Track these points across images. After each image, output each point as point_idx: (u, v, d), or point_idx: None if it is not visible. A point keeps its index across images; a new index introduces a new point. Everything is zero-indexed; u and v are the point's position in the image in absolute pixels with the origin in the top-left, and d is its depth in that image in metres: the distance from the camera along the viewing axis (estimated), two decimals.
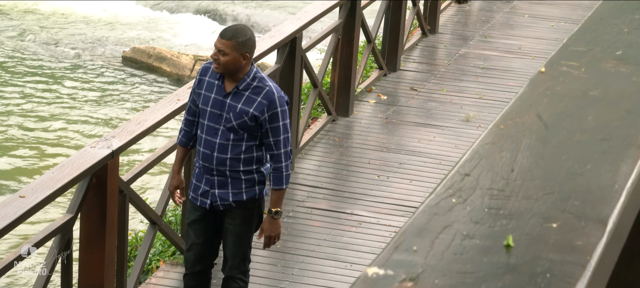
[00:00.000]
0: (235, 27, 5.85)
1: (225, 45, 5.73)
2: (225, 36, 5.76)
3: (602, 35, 2.40)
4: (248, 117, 5.79)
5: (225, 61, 5.74)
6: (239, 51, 5.74)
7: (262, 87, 5.82)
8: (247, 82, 5.82)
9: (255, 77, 5.83)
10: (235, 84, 5.83)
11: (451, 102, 10.26)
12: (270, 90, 5.82)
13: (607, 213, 1.59)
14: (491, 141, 1.82)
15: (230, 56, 5.73)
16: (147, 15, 18.26)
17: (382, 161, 8.90)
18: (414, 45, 11.70)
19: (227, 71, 5.79)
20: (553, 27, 12.68)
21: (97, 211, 6.05)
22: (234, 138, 5.85)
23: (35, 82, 14.89)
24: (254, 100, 5.80)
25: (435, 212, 1.57)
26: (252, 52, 5.81)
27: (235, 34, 5.75)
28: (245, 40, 5.75)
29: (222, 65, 5.77)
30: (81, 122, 13.55)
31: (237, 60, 5.75)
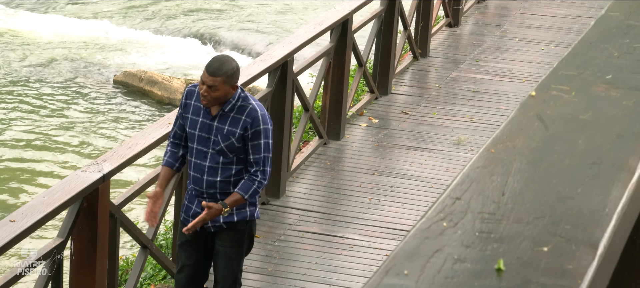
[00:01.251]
0: (220, 61, 5.79)
1: (216, 82, 5.71)
2: (214, 72, 5.72)
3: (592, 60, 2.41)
4: (235, 138, 5.80)
5: (216, 96, 5.75)
6: (229, 83, 5.75)
7: (246, 105, 5.84)
8: (232, 103, 5.84)
9: (240, 97, 5.85)
10: (221, 107, 5.84)
11: (442, 125, 10.28)
12: (253, 107, 5.83)
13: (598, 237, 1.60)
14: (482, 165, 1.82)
15: (221, 91, 5.74)
16: (138, 39, 18.27)
17: (373, 184, 8.90)
18: (405, 68, 11.72)
19: (217, 103, 5.81)
20: (543, 51, 12.72)
21: (88, 235, 6.03)
22: (224, 161, 5.85)
23: (25, 106, 14.87)
24: (239, 119, 5.82)
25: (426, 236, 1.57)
26: (238, 79, 5.83)
27: (222, 68, 5.72)
28: (233, 72, 5.75)
29: (212, 100, 5.77)
30: (72, 146, 13.53)
31: (227, 93, 5.77)
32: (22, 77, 16.06)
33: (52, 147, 13.43)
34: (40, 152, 13.27)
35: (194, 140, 5.89)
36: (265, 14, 19.58)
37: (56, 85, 15.75)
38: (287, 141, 8.51)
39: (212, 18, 19.24)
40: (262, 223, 8.11)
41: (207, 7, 19.80)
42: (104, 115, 14.70)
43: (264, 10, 19.81)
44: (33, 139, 13.68)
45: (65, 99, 15.22)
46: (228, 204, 5.85)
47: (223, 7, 19.79)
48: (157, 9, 19.69)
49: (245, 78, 7.80)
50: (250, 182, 5.85)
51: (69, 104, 15.06)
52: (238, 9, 19.75)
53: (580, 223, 1.64)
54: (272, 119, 8.38)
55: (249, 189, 5.86)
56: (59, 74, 16.25)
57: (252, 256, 7.54)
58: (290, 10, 19.93)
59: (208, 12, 19.55)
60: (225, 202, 5.86)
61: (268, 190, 8.48)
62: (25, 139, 13.68)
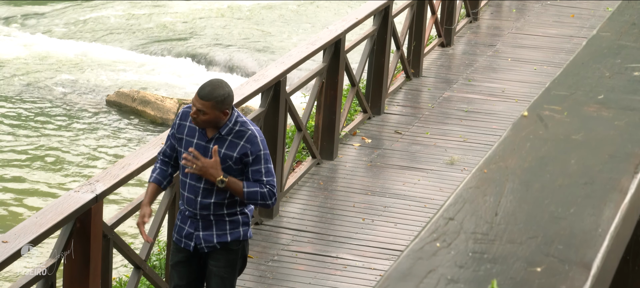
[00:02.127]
0: (213, 85, 5.76)
1: (205, 106, 5.70)
2: (204, 97, 5.69)
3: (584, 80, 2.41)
4: (232, 161, 5.79)
5: (206, 120, 5.73)
6: (219, 109, 5.71)
7: (245, 130, 5.82)
8: (229, 127, 5.81)
9: (237, 122, 5.83)
10: (217, 130, 5.83)
11: (435, 145, 10.29)
12: (253, 133, 5.82)
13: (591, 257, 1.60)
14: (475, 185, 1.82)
15: (209, 115, 5.71)
16: (131, 59, 18.28)
17: (366, 204, 8.90)
18: (398, 88, 11.74)
19: (208, 126, 5.80)
20: (536, 71, 12.75)
21: (81, 256, 6.02)
22: None
23: (18, 126, 14.85)
24: (237, 144, 5.80)
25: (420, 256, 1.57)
26: (231, 106, 5.78)
27: (213, 93, 5.69)
28: (224, 98, 5.71)
29: (202, 123, 5.76)
30: (65, 166, 13.52)
31: (217, 118, 5.74)
32: (14, 97, 16.05)
33: (44, 167, 13.41)
34: (32, 172, 13.25)
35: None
36: (258, 34, 19.61)
37: (49, 105, 15.74)
38: (280, 161, 8.51)
39: (206, 38, 19.26)
40: (256, 244, 8.10)
41: (201, 27, 19.83)
42: (97, 135, 14.69)
43: (256, 30, 19.84)
44: (26, 159, 13.66)
45: (58, 119, 15.21)
46: (227, 181, 5.76)
47: (216, 28, 19.81)
48: (150, 29, 19.71)
49: (238, 98, 7.81)
50: (257, 184, 5.80)
51: (62, 123, 15.05)
52: (232, 30, 19.77)
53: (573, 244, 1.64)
54: (265, 138, 8.39)
55: (252, 187, 5.80)
56: (52, 93, 16.24)
57: (246, 276, 7.52)
58: (283, 31, 19.96)
59: (201, 32, 19.57)
60: (225, 179, 5.75)
61: (261, 210, 8.48)
62: (17, 159, 13.66)
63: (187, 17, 20.34)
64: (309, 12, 21.01)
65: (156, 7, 20.85)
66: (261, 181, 5.79)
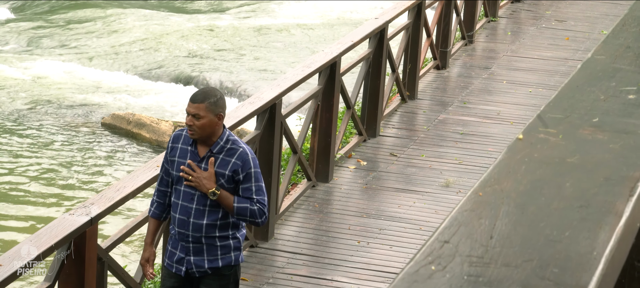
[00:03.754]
0: (205, 90, 5.83)
1: (199, 109, 5.71)
2: (197, 100, 5.74)
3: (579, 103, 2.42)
4: (224, 179, 5.79)
5: (201, 125, 5.73)
6: (214, 112, 5.74)
7: (236, 148, 5.83)
8: (221, 145, 5.82)
9: (229, 140, 5.84)
10: (208, 148, 5.83)
11: (431, 167, 10.29)
12: (244, 151, 5.83)
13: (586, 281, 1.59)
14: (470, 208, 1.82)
15: (205, 119, 5.72)
16: (126, 83, 18.29)
17: (362, 227, 8.89)
18: (393, 111, 11.75)
19: (204, 134, 5.78)
20: (531, 93, 12.77)
21: (75, 279, 6.00)
22: (211, 203, 5.83)
23: (12, 149, 14.84)
24: (228, 162, 5.81)
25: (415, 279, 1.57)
26: (224, 111, 5.82)
27: (207, 96, 5.74)
28: (217, 99, 5.76)
29: (198, 130, 5.75)
30: (60, 189, 13.50)
31: (212, 122, 5.75)
32: (8, 120, 16.04)
33: (39, 190, 13.39)
34: (27, 195, 13.23)
35: (181, 183, 5.88)
36: (253, 57, 19.63)
37: (44, 127, 15.74)
38: (275, 183, 8.50)
39: (201, 61, 19.27)
40: (251, 266, 8.08)
41: (196, 50, 19.85)
42: (92, 158, 14.68)
43: (252, 54, 19.87)
44: (20, 182, 13.64)
45: (52, 141, 15.20)
46: (219, 194, 5.74)
47: (212, 51, 19.84)
48: (146, 52, 19.73)
49: (234, 121, 7.81)
50: (248, 202, 5.79)
51: (57, 146, 15.04)
52: (226, 53, 19.80)
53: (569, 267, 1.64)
54: (261, 161, 8.39)
55: (242, 203, 5.78)
56: (47, 116, 16.23)
57: None
58: (279, 54, 19.98)
59: (197, 55, 19.60)
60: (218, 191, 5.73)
61: (256, 233, 8.47)
62: (12, 182, 13.64)
63: (182, 40, 20.36)
64: (304, 35, 21.05)
65: (151, 31, 20.88)
66: (252, 199, 5.79)
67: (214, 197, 5.74)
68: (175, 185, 5.91)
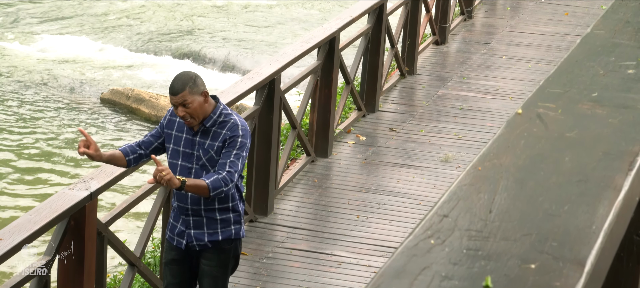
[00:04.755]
0: (179, 77, 5.79)
1: (184, 96, 5.73)
2: (178, 90, 5.71)
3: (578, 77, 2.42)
4: (214, 151, 5.80)
5: (192, 110, 5.74)
6: (197, 92, 5.75)
7: (228, 121, 5.86)
8: (214, 119, 5.84)
9: (222, 113, 5.86)
10: (202, 122, 5.85)
11: (430, 142, 10.29)
12: (235, 122, 5.85)
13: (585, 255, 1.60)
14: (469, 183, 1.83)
15: (194, 102, 5.73)
16: (125, 57, 18.27)
17: (361, 202, 8.91)
18: (393, 86, 11.74)
19: (200, 117, 5.79)
20: (530, 69, 12.76)
21: (76, 253, 6.02)
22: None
23: (11, 124, 14.84)
24: (220, 133, 5.84)
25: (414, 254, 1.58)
26: (205, 87, 5.83)
27: (184, 82, 5.74)
28: (194, 80, 5.76)
29: (192, 116, 5.76)
30: (59, 164, 13.51)
31: (200, 103, 5.76)
32: (7, 94, 16.03)
33: (38, 165, 13.40)
34: (26, 171, 13.24)
35: (178, 157, 5.89)
36: (253, 32, 19.60)
37: (42, 103, 15.73)
38: (274, 159, 8.51)
39: (201, 36, 19.25)
40: (250, 241, 8.10)
41: (195, 25, 19.82)
42: (91, 133, 14.68)
43: (251, 28, 19.84)
44: (19, 158, 13.64)
45: (51, 117, 15.20)
46: (187, 182, 5.63)
47: (211, 26, 19.81)
48: (145, 27, 19.70)
49: (233, 96, 7.81)
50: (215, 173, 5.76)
51: (56, 121, 15.04)
52: (225, 28, 19.76)
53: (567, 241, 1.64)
54: (260, 136, 8.40)
55: (211, 178, 5.69)
56: (46, 91, 16.22)
57: (240, 273, 7.53)
58: (278, 29, 19.95)
59: (196, 30, 19.56)
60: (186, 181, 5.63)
61: (256, 208, 8.48)
62: (11, 158, 13.65)
63: (181, 15, 20.32)
64: (304, 11, 21.01)
65: (150, 6, 20.83)
66: (224, 164, 5.75)
67: (183, 187, 5.64)
68: (171, 160, 5.92)
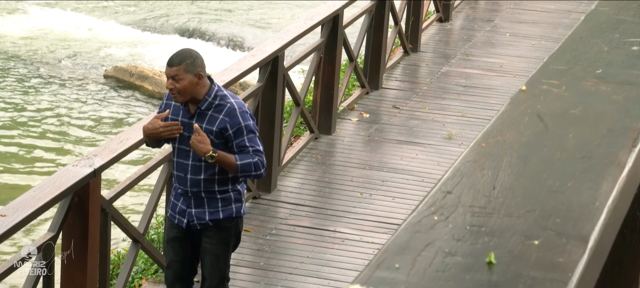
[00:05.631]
0: (180, 52, 5.79)
1: (178, 71, 5.70)
2: (174, 63, 5.71)
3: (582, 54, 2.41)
4: (213, 135, 5.78)
5: (181, 87, 5.71)
6: (192, 72, 5.71)
7: (224, 104, 5.81)
8: (209, 101, 5.81)
9: (217, 96, 5.82)
10: (197, 105, 5.83)
11: (433, 120, 10.29)
12: (232, 105, 5.81)
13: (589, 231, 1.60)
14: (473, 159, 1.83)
15: (185, 80, 5.71)
16: (128, 34, 18.25)
17: (364, 179, 8.91)
18: (396, 63, 11.73)
19: (186, 96, 5.76)
20: (534, 46, 12.74)
21: (79, 230, 6.03)
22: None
23: (15, 101, 14.84)
24: (216, 118, 5.80)
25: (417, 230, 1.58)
26: (204, 69, 5.79)
27: (183, 57, 5.72)
28: (193, 60, 5.73)
29: (180, 93, 5.73)
30: (63, 141, 13.52)
31: (192, 83, 5.73)
32: (11, 72, 16.03)
33: (42, 142, 13.41)
34: (30, 147, 13.25)
35: (176, 140, 5.89)
36: (257, 9, 19.57)
37: (46, 80, 15.72)
38: (278, 136, 8.51)
39: (204, 14, 19.22)
40: (254, 218, 8.12)
41: (199, 3, 19.78)
42: (94, 110, 14.68)
43: (255, 6, 19.80)
44: (23, 134, 13.65)
45: (55, 94, 15.20)
46: (217, 156, 5.71)
47: (214, 4, 19.77)
48: (148, 4, 19.67)
49: (236, 73, 7.80)
50: (248, 155, 5.79)
51: (59, 98, 15.04)
52: (229, 5, 19.73)
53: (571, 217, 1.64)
54: (263, 113, 8.39)
55: (245, 159, 5.78)
56: (49, 68, 16.22)
57: (244, 250, 7.54)
58: (282, 6, 19.92)
59: (200, 7, 19.53)
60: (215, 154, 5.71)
61: (259, 185, 8.49)
62: (15, 135, 13.66)
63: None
64: None
65: None
66: (248, 151, 5.78)
67: (212, 160, 5.73)
68: (172, 143, 5.92)
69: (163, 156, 7.05)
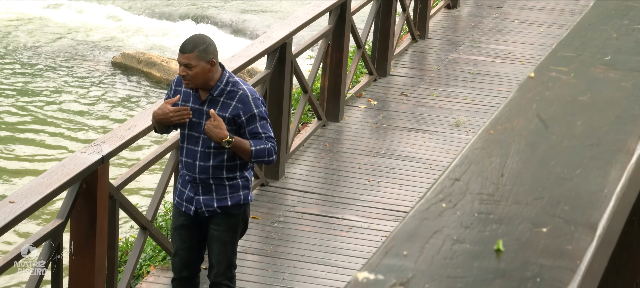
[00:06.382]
0: (193, 38, 5.78)
1: (190, 58, 5.69)
2: (186, 49, 5.70)
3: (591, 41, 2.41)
4: (225, 122, 5.78)
5: (193, 74, 5.71)
6: (204, 59, 5.71)
7: (236, 90, 5.81)
8: (221, 87, 5.81)
9: (229, 82, 5.82)
10: (209, 92, 5.82)
11: (441, 107, 10.28)
12: (244, 92, 5.81)
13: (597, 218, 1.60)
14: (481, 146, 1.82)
15: (197, 67, 5.70)
16: (136, 21, 18.24)
17: (372, 166, 8.91)
18: (404, 50, 11.71)
19: (198, 83, 5.76)
20: (542, 33, 12.71)
21: (87, 217, 6.04)
22: (215, 146, 5.83)
23: (23, 87, 14.86)
24: (229, 105, 5.79)
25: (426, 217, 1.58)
26: (216, 56, 5.78)
27: (196, 44, 5.71)
28: (206, 46, 5.72)
29: (191, 80, 5.73)
30: (71, 128, 13.53)
31: (204, 69, 5.72)
32: (19, 58, 16.04)
33: (50, 129, 13.43)
34: (38, 134, 13.27)
35: (185, 127, 5.89)
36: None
37: (53, 67, 15.74)
38: (286, 123, 8.51)
39: (211, 1, 19.20)
40: (261, 205, 8.12)
41: None
42: (102, 97, 14.69)
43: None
44: (31, 121, 13.67)
45: (63, 81, 15.21)
46: (234, 141, 5.72)
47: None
48: None
49: (244, 60, 7.80)
50: (262, 141, 5.80)
51: (68, 85, 15.05)
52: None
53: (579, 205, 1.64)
54: (271, 100, 8.39)
55: (259, 145, 5.79)
56: (56, 55, 16.23)
57: (251, 237, 7.55)
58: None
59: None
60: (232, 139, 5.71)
61: (267, 172, 8.49)
62: (23, 121, 13.68)
63: None
64: None
65: None
66: (261, 138, 5.79)
67: (229, 146, 5.74)
68: (180, 129, 5.92)
69: (171, 143, 7.05)
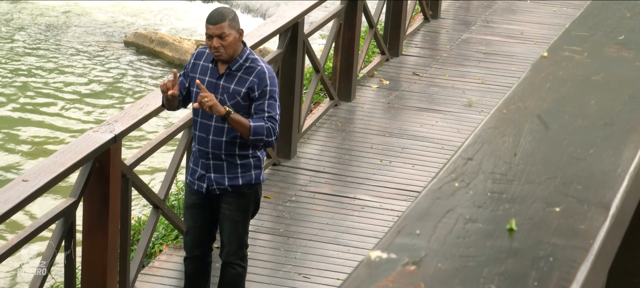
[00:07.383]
0: (219, 10, 5.82)
1: (222, 28, 5.72)
2: (218, 20, 5.73)
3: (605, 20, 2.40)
4: (240, 96, 5.80)
5: (227, 44, 5.74)
6: (235, 28, 5.78)
7: (254, 66, 5.84)
8: (240, 63, 5.84)
9: (248, 58, 5.86)
10: (227, 65, 5.85)
11: (453, 87, 10.26)
12: (262, 69, 5.84)
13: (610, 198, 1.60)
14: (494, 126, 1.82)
15: (230, 36, 5.74)
16: (148, 1, 18.24)
17: (384, 146, 8.91)
18: (416, 30, 11.69)
19: (232, 53, 5.79)
20: (555, 12, 12.66)
21: (100, 195, 6.06)
22: None
23: (36, 68, 14.89)
24: (246, 80, 5.82)
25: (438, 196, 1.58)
26: (240, 24, 5.84)
27: (225, 14, 5.77)
28: (234, 16, 5.81)
29: (225, 49, 5.75)
30: (83, 107, 13.56)
31: (236, 39, 5.78)
32: (33, 37, 16.06)
33: (63, 108, 13.46)
34: (51, 113, 13.30)
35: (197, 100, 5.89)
36: None
37: (65, 47, 15.75)
38: (298, 102, 8.51)
39: None
40: (273, 184, 8.13)
41: None
42: (114, 76, 14.71)
43: None
44: (44, 101, 13.70)
45: (75, 60, 15.23)
46: (233, 116, 5.70)
47: None
48: None
49: (256, 39, 7.80)
50: (261, 119, 5.80)
51: (80, 64, 15.07)
52: None
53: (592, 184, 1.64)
54: (283, 80, 8.39)
55: (258, 123, 5.78)
56: (68, 35, 16.24)
57: (263, 216, 7.56)
58: None
59: None
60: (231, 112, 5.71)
61: (279, 151, 8.50)
62: (35, 100, 13.71)
63: None
64: None
65: None
66: (263, 116, 5.78)
67: (230, 116, 5.70)
68: (194, 103, 5.92)
69: (183, 122, 7.06)
